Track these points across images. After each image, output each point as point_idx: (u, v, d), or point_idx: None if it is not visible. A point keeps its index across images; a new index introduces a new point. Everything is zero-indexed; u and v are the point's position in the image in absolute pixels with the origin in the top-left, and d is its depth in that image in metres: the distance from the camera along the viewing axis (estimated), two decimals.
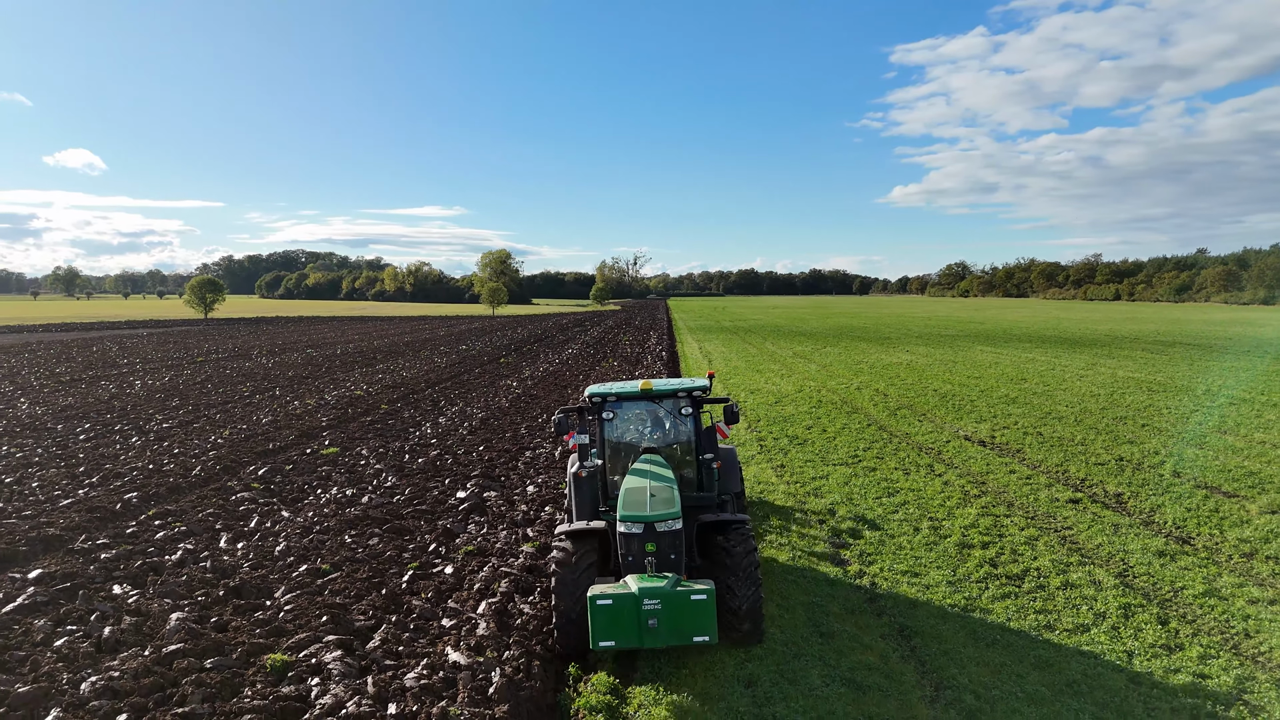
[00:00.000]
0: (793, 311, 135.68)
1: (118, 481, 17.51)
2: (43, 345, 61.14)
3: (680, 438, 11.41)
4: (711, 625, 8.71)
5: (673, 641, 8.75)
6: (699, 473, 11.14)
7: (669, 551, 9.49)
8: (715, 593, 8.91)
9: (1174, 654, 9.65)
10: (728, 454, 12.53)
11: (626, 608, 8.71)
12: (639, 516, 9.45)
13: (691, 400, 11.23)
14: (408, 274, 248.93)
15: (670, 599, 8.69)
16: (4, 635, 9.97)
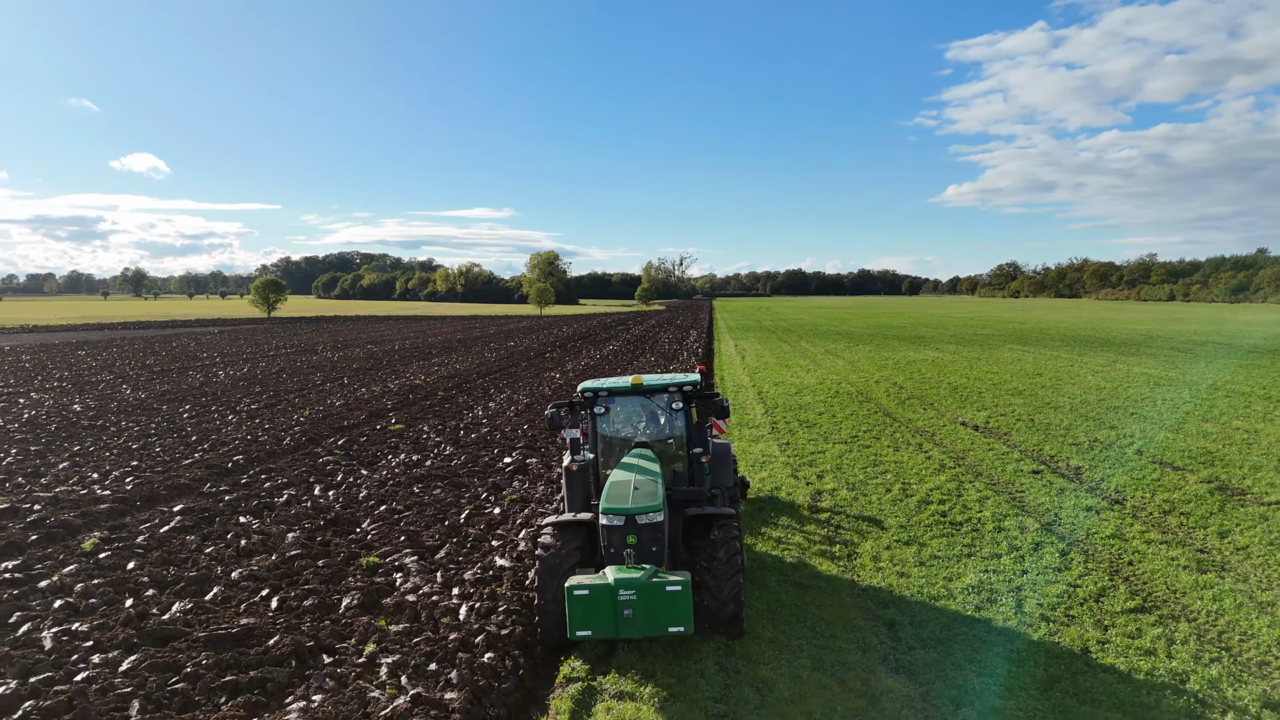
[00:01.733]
0: (835, 312, 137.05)
1: (224, 448, 21.00)
2: (125, 341, 66.21)
3: (671, 433, 11.56)
4: (687, 616, 8.78)
5: (648, 632, 8.85)
6: (689, 467, 11.33)
7: (650, 544, 9.54)
8: (692, 584, 9.11)
9: (1061, 573, 12.23)
10: (721, 449, 12.47)
11: (603, 598, 8.79)
12: (620, 509, 9.52)
13: (682, 395, 11.38)
14: (459, 275, 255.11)
15: (646, 590, 8.77)
16: (166, 545, 13.29)
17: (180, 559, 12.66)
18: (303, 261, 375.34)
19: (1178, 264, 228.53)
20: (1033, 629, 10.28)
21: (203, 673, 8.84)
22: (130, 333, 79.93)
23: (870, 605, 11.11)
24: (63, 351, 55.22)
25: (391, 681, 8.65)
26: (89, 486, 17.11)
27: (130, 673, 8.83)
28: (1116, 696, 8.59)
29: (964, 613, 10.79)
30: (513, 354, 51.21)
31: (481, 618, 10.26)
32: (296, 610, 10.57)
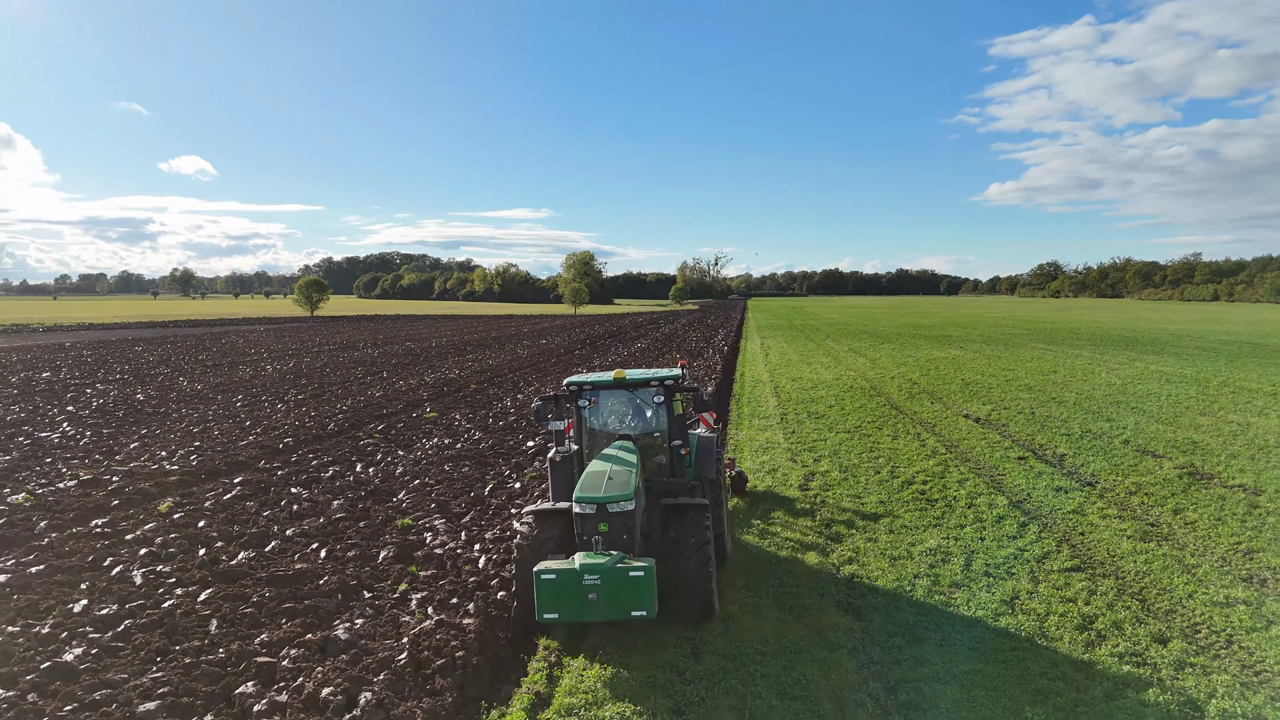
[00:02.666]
0: (869, 311, 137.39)
1: (275, 431, 23.09)
2: (177, 338, 69.45)
3: (653, 426, 11.86)
4: (649, 601, 9.05)
5: (612, 615, 9.10)
6: (670, 459, 11.68)
7: (621, 532, 9.80)
8: (655, 570, 9.32)
9: (1014, 540, 13.65)
10: (705, 442, 12.74)
11: (569, 582, 9.07)
12: (592, 498, 9.80)
13: (663, 389, 11.65)
14: (496, 275, 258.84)
15: (610, 575, 9.03)
16: (230, 509, 15.27)
17: (242, 520, 14.62)
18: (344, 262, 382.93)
19: (1223, 263, 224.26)
20: (974, 582, 11.77)
21: (266, 602, 10.72)
22: (181, 330, 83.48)
23: (836, 562, 12.67)
24: (120, 347, 58.35)
25: (420, 610, 10.44)
26: (158, 462, 19.24)
27: (208, 601, 10.74)
28: (1026, 630, 10.08)
29: (918, 570, 12.31)
30: (544, 351, 53.19)
31: (497, 566, 12.02)
32: (341, 559, 12.42)
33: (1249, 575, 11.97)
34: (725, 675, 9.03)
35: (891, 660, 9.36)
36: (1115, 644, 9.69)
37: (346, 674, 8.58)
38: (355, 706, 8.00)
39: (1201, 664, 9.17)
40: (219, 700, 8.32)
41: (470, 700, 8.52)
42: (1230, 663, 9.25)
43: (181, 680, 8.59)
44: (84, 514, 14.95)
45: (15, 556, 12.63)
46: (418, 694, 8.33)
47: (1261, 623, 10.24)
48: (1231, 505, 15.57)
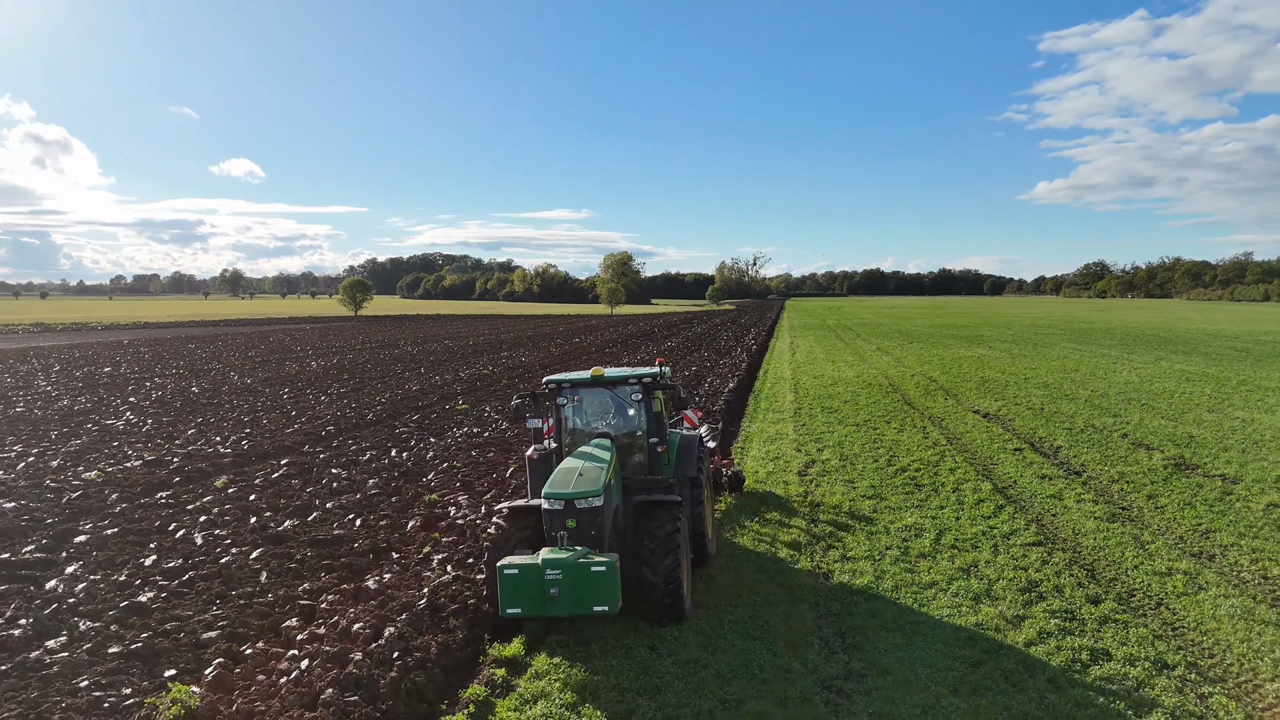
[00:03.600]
0: (906, 312, 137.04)
1: (318, 421, 24.91)
2: (227, 336, 72.43)
3: (632, 424, 11.90)
4: (611, 596, 9.08)
5: (574, 610, 9.14)
6: (649, 457, 11.70)
7: (589, 528, 9.83)
8: (618, 565, 9.31)
9: (988, 519, 14.76)
10: (687, 440, 12.80)
11: (531, 577, 9.09)
12: (560, 494, 9.83)
13: (642, 387, 11.69)
14: (535, 275, 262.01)
15: (572, 570, 9.05)
16: (277, 486, 16.99)
17: (288, 494, 16.31)
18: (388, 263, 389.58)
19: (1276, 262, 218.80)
20: (940, 553, 12.95)
21: (308, 559, 12.32)
22: (231, 329, 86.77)
23: (817, 533, 13.93)
24: (174, 345, 61.25)
25: (440, 568, 11.94)
26: (213, 446, 21.10)
27: (258, 558, 12.37)
28: (974, 590, 11.27)
29: (891, 543, 13.51)
30: (576, 349, 54.82)
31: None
32: (374, 527, 14.01)
33: (1199, 551, 12.98)
34: (697, 619, 10.40)
35: (847, 612, 10.64)
36: (1051, 603, 10.84)
37: (374, 614, 10.12)
38: (380, 638, 9.51)
39: (1125, 620, 10.29)
40: (268, 632, 9.90)
41: (477, 637, 9.99)
42: (1153, 620, 10.36)
43: (237, 616, 10.20)
44: (149, 488, 16.78)
45: (93, 522, 14.43)
46: (433, 630, 9.81)
47: (1193, 589, 11.30)
48: (1205, 492, 16.46)
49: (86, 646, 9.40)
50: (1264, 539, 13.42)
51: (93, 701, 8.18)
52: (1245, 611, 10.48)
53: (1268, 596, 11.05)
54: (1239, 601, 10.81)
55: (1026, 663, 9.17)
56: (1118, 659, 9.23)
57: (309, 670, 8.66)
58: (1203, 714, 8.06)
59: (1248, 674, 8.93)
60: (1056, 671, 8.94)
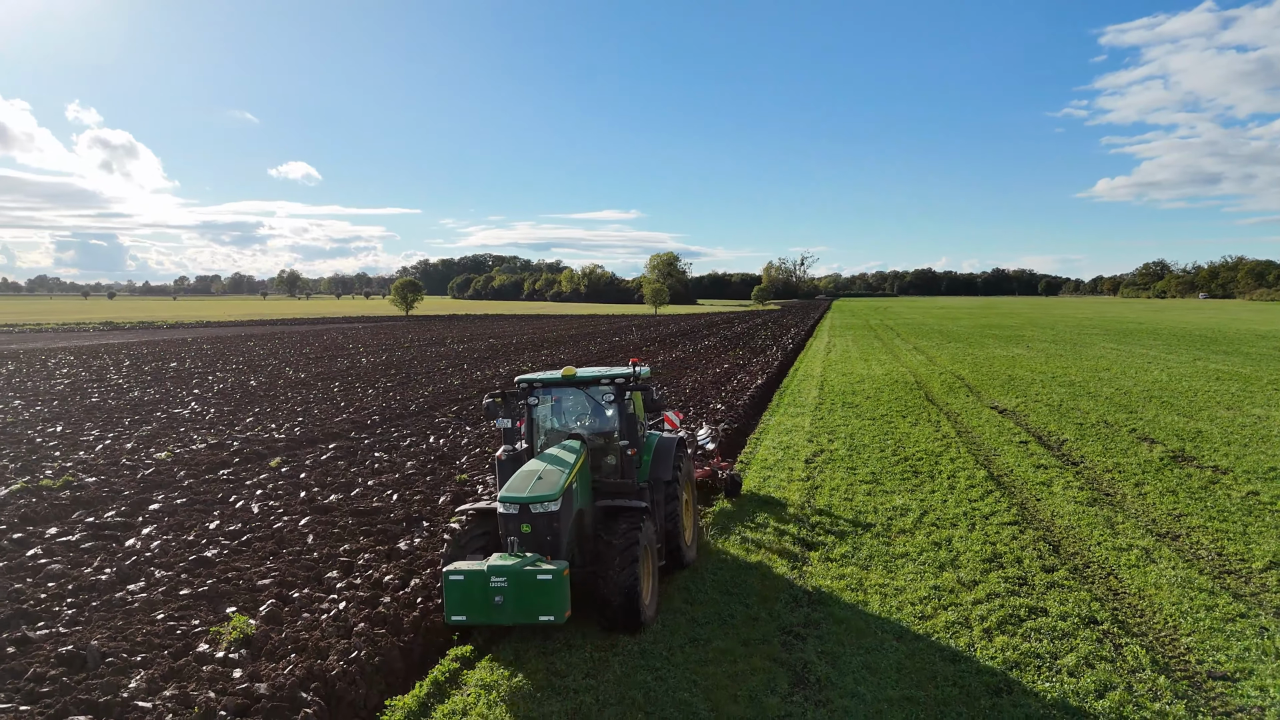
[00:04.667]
0: (952, 312, 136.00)
1: (364, 411, 26.78)
2: (284, 335, 75.57)
3: (604, 425, 11.63)
4: (558, 605, 8.85)
5: (519, 619, 8.94)
6: (620, 460, 11.36)
7: (544, 534, 9.59)
8: (567, 574, 9.03)
9: (973, 502, 15.81)
10: (665, 443, 12.37)
11: (476, 584, 8.89)
12: (515, 497, 9.62)
13: (614, 388, 11.42)
14: (582, 276, 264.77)
15: (517, 577, 8.84)
16: (324, 466, 18.76)
17: (334, 473, 18.05)
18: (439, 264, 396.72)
19: None
20: (919, 529, 14.10)
21: (349, 526, 13.97)
22: (288, 328, 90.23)
23: (808, 512, 15.16)
24: (234, 342, 64.33)
25: None
26: (269, 432, 23.04)
27: (306, 524, 14.05)
28: (940, 559, 12.42)
29: (876, 519, 14.68)
30: (615, 347, 56.37)
31: None
32: (409, 501, 15.62)
33: (1165, 532, 13.90)
34: (682, 577, 11.75)
35: (820, 575, 11.88)
36: (1008, 571, 11.95)
37: (403, 569, 11.67)
38: (406, 587, 11.05)
39: (1071, 585, 11.37)
40: (313, 581, 11.51)
41: None
42: (1098, 587, 11.41)
43: (287, 569, 11.84)
44: (212, 467, 18.68)
45: (164, 494, 16.31)
46: None
47: (1145, 562, 12.29)
48: (1192, 482, 17.24)
49: (161, 589, 11.11)
50: (1231, 522, 14.27)
51: (168, 629, 9.85)
52: (1185, 580, 11.47)
53: (1213, 569, 12.00)
54: (1184, 573, 11.79)
55: (969, 617, 10.34)
56: (1052, 615, 10.34)
57: (345, 610, 10.22)
58: (1113, 658, 9.16)
59: (1169, 630, 9.98)
60: (993, 624, 10.09)
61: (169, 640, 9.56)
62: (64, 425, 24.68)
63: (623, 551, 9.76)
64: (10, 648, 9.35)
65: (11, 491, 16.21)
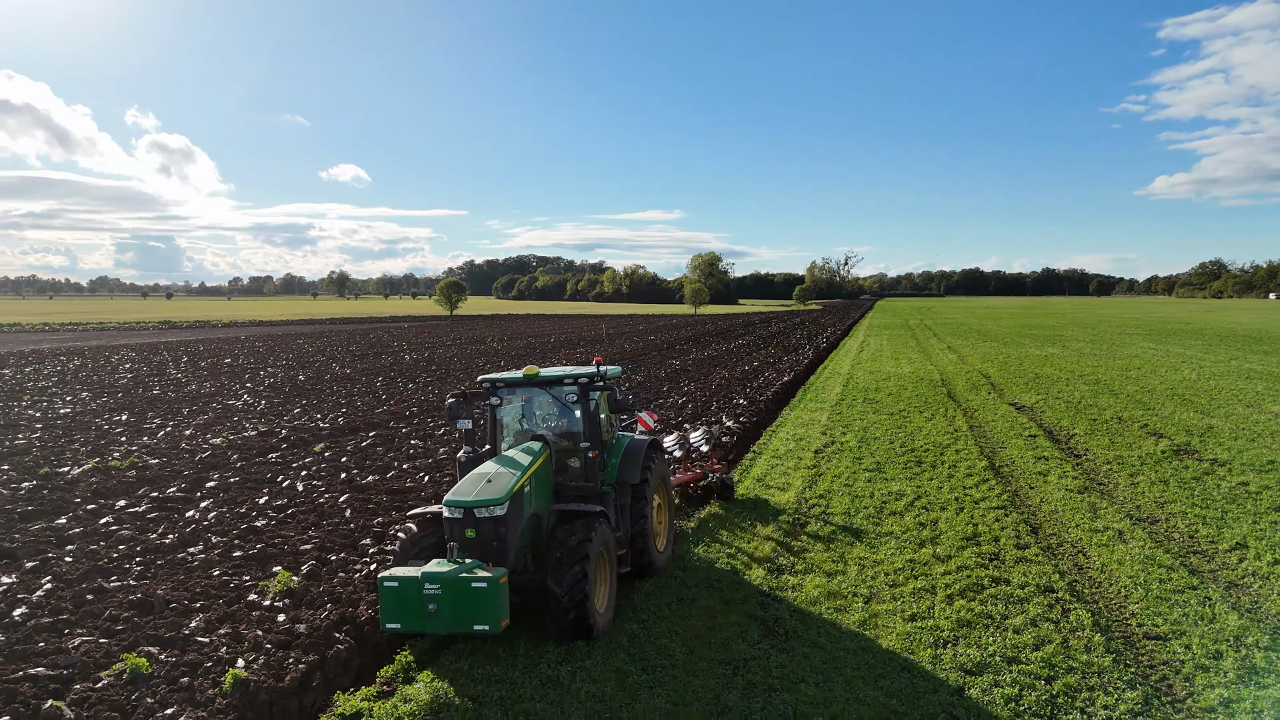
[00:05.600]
0: (995, 312, 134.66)
1: (404, 403, 28.37)
2: (332, 333, 78.18)
3: (568, 426, 11.35)
4: (493, 614, 8.60)
5: (454, 628, 8.74)
6: (583, 462, 11.05)
7: (490, 539, 9.30)
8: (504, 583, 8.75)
9: (967, 489, 16.66)
10: (635, 445, 11.98)
11: (410, 591, 8.68)
12: (460, 501, 9.37)
13: (578, 388, 11.14)
14: (624, 276, 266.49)
15: (451, 584, 8.60)
16: (364, 452, 20.27)
17: (372, 458, 19.54)
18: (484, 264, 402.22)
19: None
20: (909, 511, 15.04)
21: (384, 502, 15.37)
22: (336, 327, 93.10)
23: (809, 497, 16.18)
24: (284, 340, 66.90)
25: None
26: (314, 421, 24.68)
27: (345, 500, 15.49)
28: (923, 538, 13.37)
29: (869, 503, 15.64)
30: (649, 345, 57.59)
31: None
32: (439, 481, 16.98)
33: (1145, 517, 14.66)
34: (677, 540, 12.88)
35: (804, 548, 12.93)
36: (983, 548, 12.87)
37: None
38: None
39: (1039, 560, 12.26)
40: (349, 547, 12.89)
41: None
42: (1064, 561, 12.30)
43: (326, 537, 13.25)
44: (262, 451, 20.30)
45: (219, 474, 17.91)
46: None
47: (1116, 542, 13.11)
48: (1186, 473, 17.85)
49: (216, 552, 12.58)
50: (1213, 509, 14.95)
51: (222, 583, 11.28)
52: (1149, 558, 12.29)
53: (1181, 550, 12.79)
54: (1150, 551, 12.59)
55: (935, 585, 11.33)
56: (1013, 585, 11.28)
57: (375, 570, 11.56)
58: (1058, 620, 10.09)
59: (1119, 599, 10.86)
60: (955, 591, 11.07)
61: (223, 592, 10.98)
62: (128, 414, 26.64)
63: (572, 558, 9.44)
64: (89, 595, 10.86)
65: (84, 471, 17.96)
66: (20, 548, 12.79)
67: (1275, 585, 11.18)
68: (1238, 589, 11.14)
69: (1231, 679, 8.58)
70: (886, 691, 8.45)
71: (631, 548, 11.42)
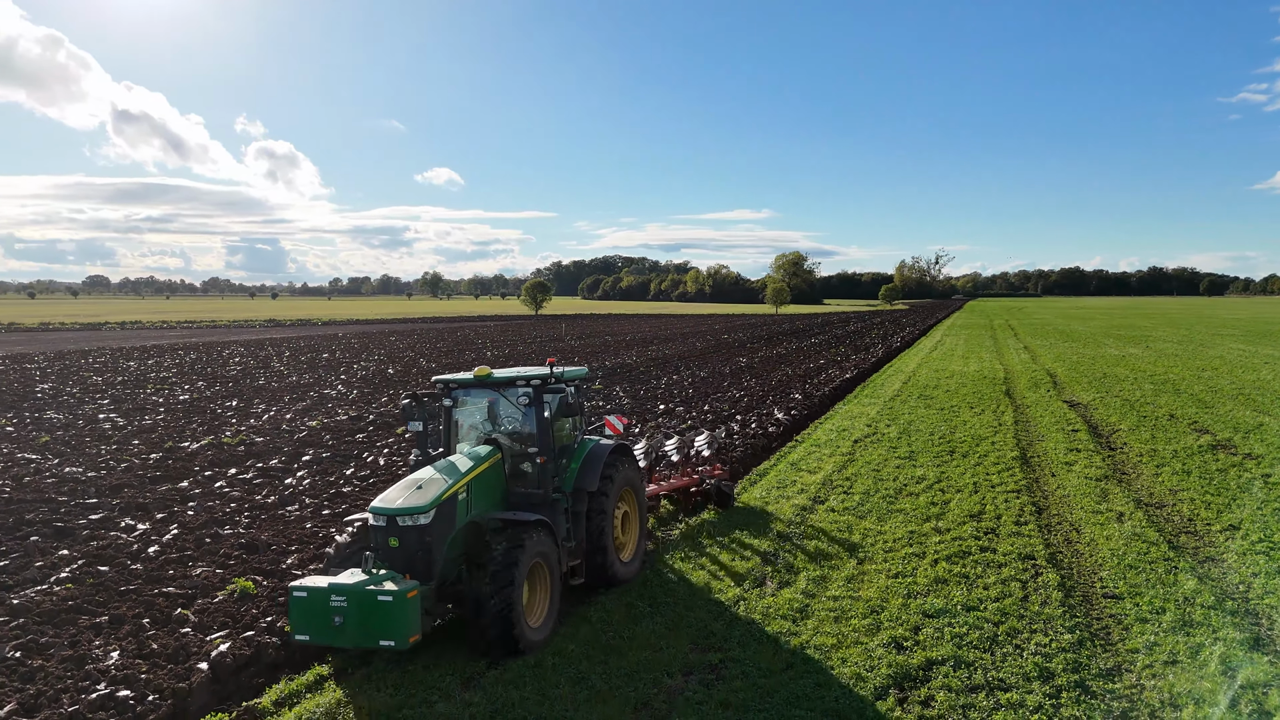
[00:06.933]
0: (1089, 312, 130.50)
1: None
2: (423, 331, 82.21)
3: (521, 429, 11.00)
4: (400, 630, 8.33)
5: (360, 643, 8.51)
6: (534, 467, 10.66)
7: (415, 549, 8.98)
8: (413, 596, 8.48)
9: (989, 475, 17.66)
10: (596, 450, 11.45)
11: (319, 602, 8.46)
12: (383, 509, 9.11)
13: (530, 389, 10.76)
14: (707, 276, 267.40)
15: (356, 597, 8.37)
16: None
17: None
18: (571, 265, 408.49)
19: None
20: (926, 492, 16.23)
21: None
22: (427, 325, 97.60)
23: (835, 478, 17.51)
24: (378, 338, 70.97)
25: None
26: (400, 408, 27.20)
27: None
28: (930, 514, 14.62)
29: (891, 485, 16.89)
30: (720, 344, 59.03)
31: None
32: None
33: (1153, 502, 15.48)
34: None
35: (819, 519, 14.35)
36: (982, 523, 14.05)
37: None
38: None
39: (1029, 534, 13.38)
40: None
41: None
42: (1054, 536, 13.39)
43: None
44: (352, 432, 22.82)
45: (313, 450, 20.43)
46: None
47: (1111, 522, 14.06)
48: (1214, 466, 18.35)
49: (309, 510, 14.87)
50: (1223, 496, 15.65)
51: (313, 532, 13.50)
52: (1137, 535, 13.26)
53: (1174, 529, 13.68)
54: (1141, 530, 13.54)
55: (926, 551, 12.62)
56: (998, 553, 12.49)
57: None
58: (1025, 580, 11.30)
59: (1092, 567, 11.96)
60: (942, 556, 12.34)
61: (314, 539, 13.18)
62: (238, 400, 29.78)
63: (498, 570, 8.99)
64: (207, 539, 13.23)
65: (201, 446, 20.73)
66: (152, 503, 15.37)
67: (1250, 561, 12.06)
68: (1212, 563, 12.07)
69: (1165, 628, 9.71)
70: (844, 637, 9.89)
71: (588, 558, 10.98)
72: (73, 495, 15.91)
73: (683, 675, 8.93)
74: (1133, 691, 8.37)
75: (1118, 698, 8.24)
